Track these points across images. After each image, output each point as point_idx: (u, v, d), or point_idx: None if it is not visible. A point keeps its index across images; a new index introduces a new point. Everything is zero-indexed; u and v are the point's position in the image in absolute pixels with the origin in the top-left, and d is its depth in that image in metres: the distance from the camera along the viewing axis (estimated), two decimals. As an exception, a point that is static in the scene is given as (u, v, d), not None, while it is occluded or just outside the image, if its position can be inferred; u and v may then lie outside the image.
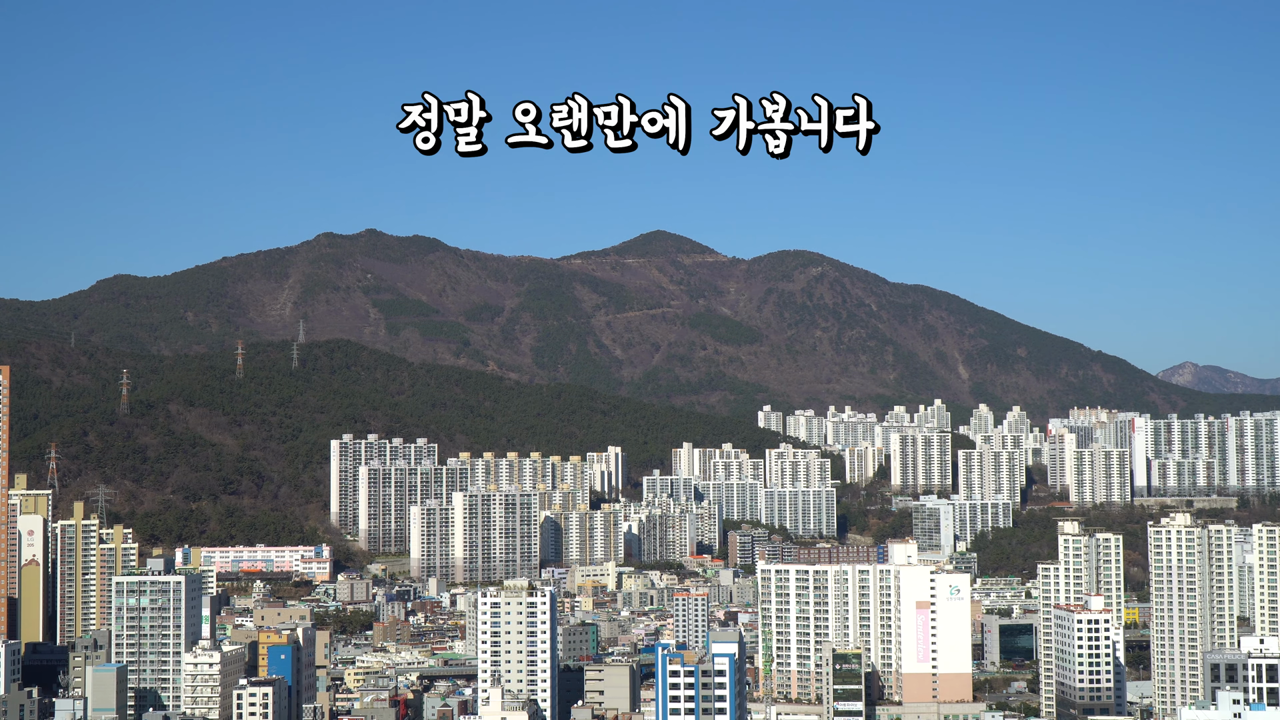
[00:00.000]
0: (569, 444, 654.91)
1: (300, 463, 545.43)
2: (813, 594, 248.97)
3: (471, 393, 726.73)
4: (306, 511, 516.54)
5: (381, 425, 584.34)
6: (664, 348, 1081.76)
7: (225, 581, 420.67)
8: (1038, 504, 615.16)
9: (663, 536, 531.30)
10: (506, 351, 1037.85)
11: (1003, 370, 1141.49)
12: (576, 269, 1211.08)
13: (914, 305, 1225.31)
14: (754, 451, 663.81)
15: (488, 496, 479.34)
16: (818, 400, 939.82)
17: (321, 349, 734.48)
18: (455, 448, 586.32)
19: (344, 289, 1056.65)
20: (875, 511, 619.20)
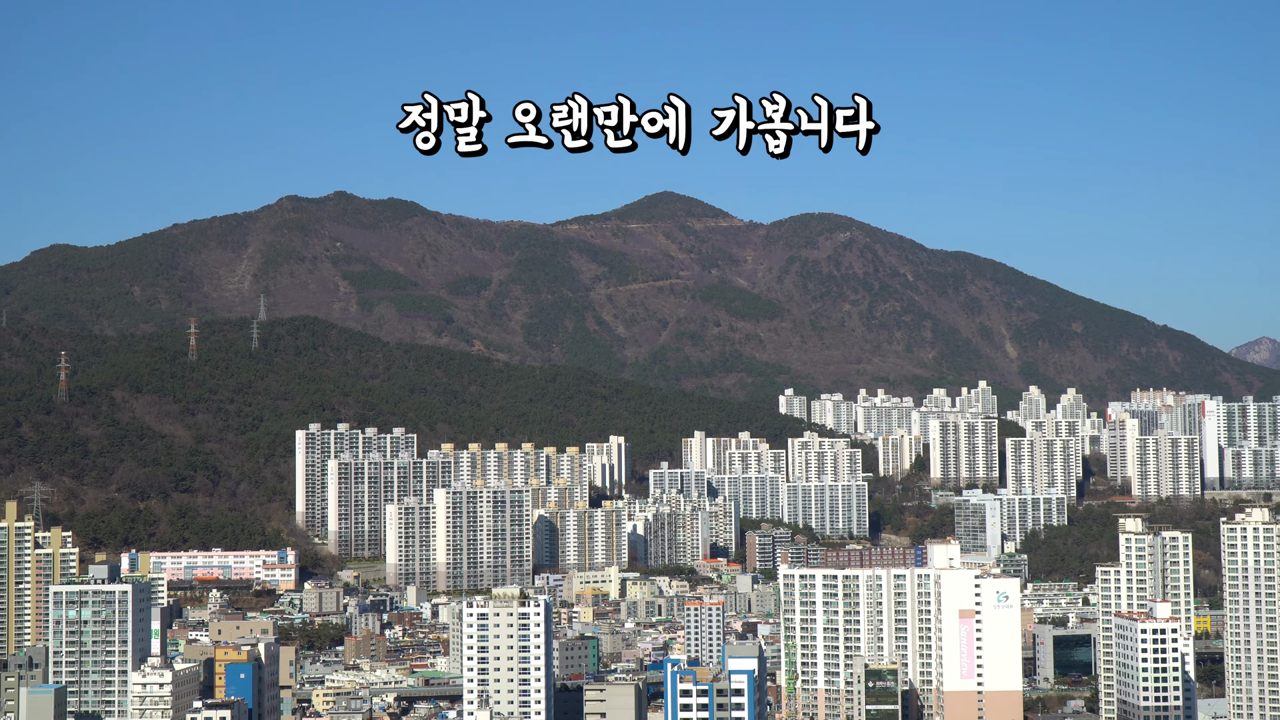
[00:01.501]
0: (565, 434, 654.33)
1: (261, 456, 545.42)
2: (842, 602, 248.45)
3: (455, 376, 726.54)
4: (269, 511, 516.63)
5: (353, 413, 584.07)
6: (672, 324, 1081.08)
7: (177, 591, 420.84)
8: (1096, 499, 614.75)
9: (672, 538, 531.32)
10: (494, 329, 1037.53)
11: (1056, 348, 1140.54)
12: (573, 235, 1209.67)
13: (955, 275, 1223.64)
14: (775, 441, 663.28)
15: (473, 493, 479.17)
16: (846, 383, 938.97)
17: (285, 327, 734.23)
18: (437, 438, 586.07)
19: (310, 259, 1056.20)
20: (912, 508, 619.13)
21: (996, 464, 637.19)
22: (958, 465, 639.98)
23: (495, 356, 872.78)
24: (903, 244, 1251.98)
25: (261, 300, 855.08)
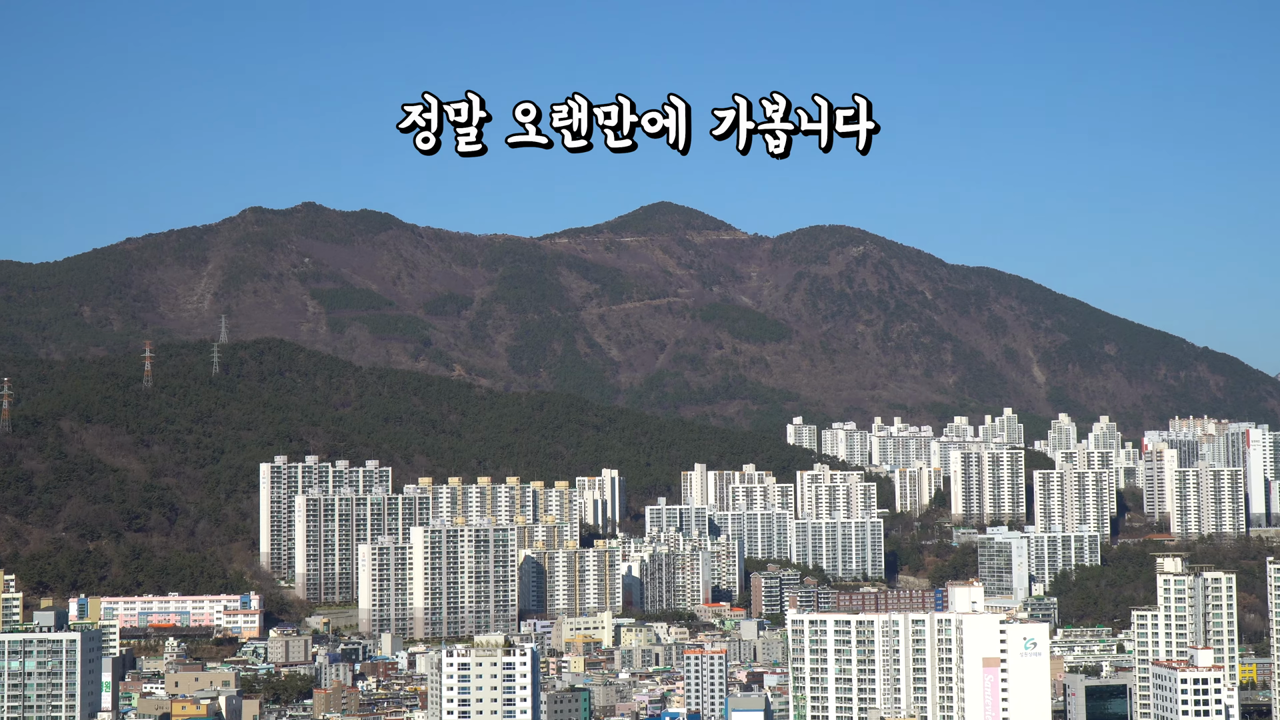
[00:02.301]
0: (554, 467, 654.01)
1: (223, 492, 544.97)
2: (855, 650, 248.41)
3: (433, 404, 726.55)
4: (230, 552, 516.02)
5: (322, 445, 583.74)
6: (670, 347, 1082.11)
7: (131, 639, 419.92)
8: (1131, 536, 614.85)
9: (670, 580, 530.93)
10: (476, 352, 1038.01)
11: (1087, 372, 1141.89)
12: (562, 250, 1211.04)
13: (978, 293, 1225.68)
14: (782, 474, 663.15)
15: (454, 532, 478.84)
16: (860, 410, 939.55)
17: (248, 350, 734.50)
18: (413, 472, 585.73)
19: (276, 276, 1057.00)
20: (932, 547, 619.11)
21: (1023, 499, 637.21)
22: (981, 500, 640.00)
23: (477, 382, 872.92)
24: (921, 259, 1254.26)
25: (223, 321, 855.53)
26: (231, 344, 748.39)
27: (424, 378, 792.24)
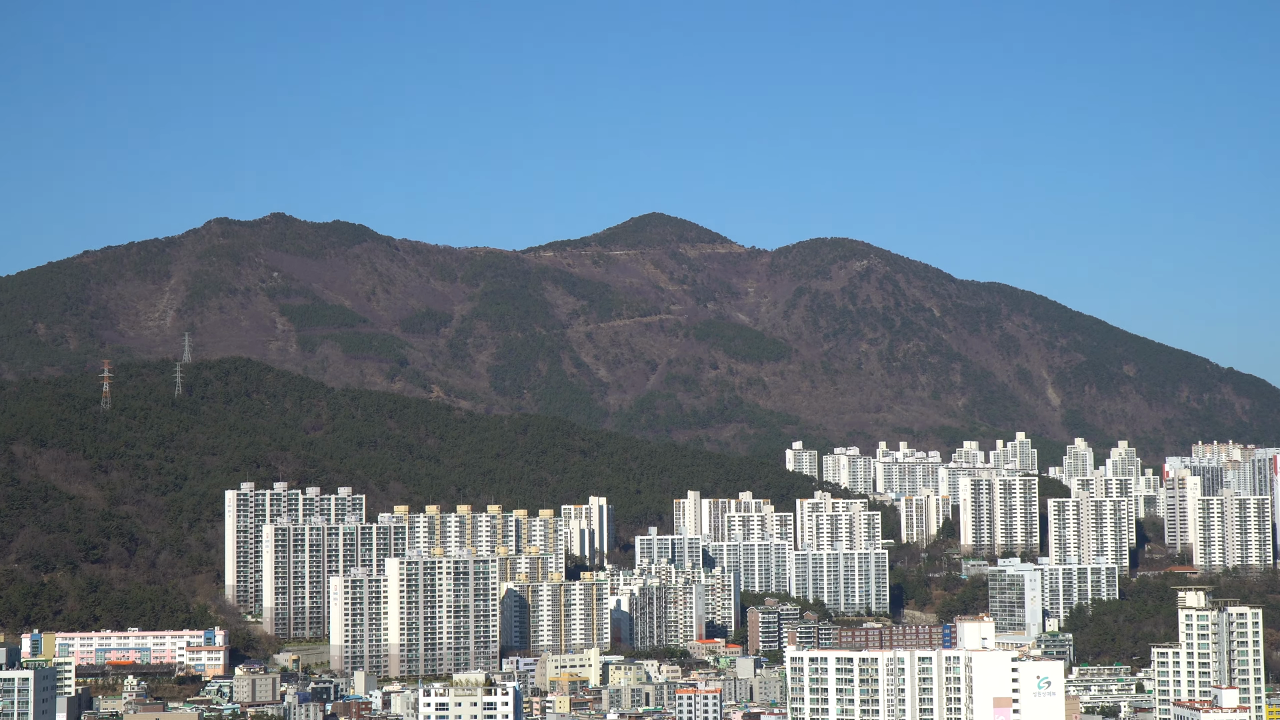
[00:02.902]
0: (538, 494, 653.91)
1: (185, 521, 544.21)
2: (858, 689, 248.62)
3: (410, 427, 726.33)
4: (193, 584, 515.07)
5: (292, 471, 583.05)
6: (662, 367, 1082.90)
7: (88, 677, 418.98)
8: (1152, 569, 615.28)
9: (661, 615, 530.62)
10: (456, 373, 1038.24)
11: (1105, 394, 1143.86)
12: (547, 264, 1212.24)
13: (988, 310, 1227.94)
14: (781, 503, 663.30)
15: (431, 564, 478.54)
16: (863, 435, 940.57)
17: (213, 371, 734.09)
18: (389, 500, 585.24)
19: (242, 291, 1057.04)
20: (939, 580, 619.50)
21: (1037, 529, 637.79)
22: (992, 530, 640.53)
23: (457, 404, 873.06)
24: (928, 274, 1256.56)
25: (186, 340, 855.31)
26: (195, 363, 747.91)
27: (400, 399, 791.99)
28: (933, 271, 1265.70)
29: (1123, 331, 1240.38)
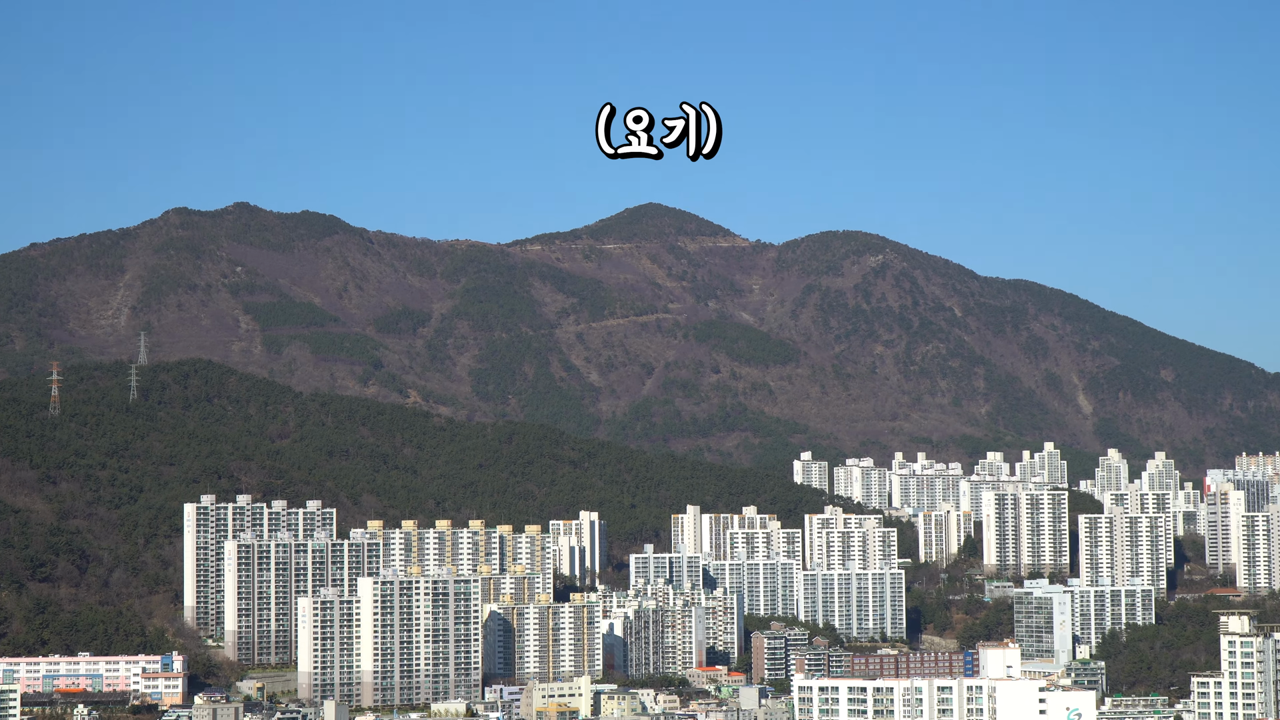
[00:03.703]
0: (524, 508, 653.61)
1: (141, 536, 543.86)
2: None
3: (385, 435, 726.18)
4: (149, 605, 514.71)
5: (256, 482, 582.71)
6: (659, 370, 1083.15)
7: (34, 705, 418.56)
8: (1191, 591, 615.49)
9: (659, 640, 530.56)
10: (435, 376, 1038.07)
11: (1140, 401, 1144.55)
12: (534, 258, 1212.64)
13: (1014, 309, 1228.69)
14: (788, 518, 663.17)
15: (408, 584, 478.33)
16: (878, 445, 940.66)
17: (171, 373, 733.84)
18: (361, 514, 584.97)
19: (203, 288, 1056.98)
20: (961, 603, 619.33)
21: (1067, 547, 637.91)
22: (1018, 549, 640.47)
23: (436, 411, 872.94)
24: (949, 270, 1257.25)
25: (142, 340, 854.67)
26: (151, 365, 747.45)
27: (374, 405, 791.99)
28: (954, 267, 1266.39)
29: (1160, 333, 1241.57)
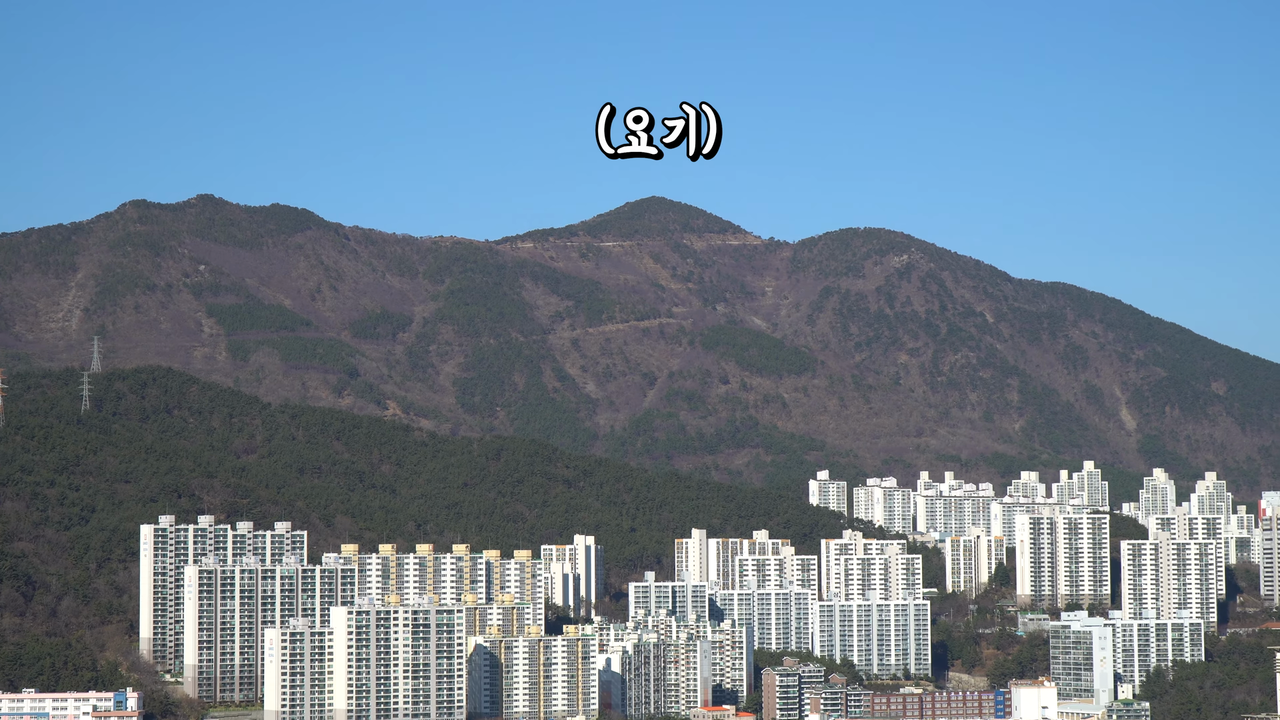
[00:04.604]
0: (514, 532, 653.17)
1: (93, 561, 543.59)
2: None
3: (361, 451, 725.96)
4: (101, 637, 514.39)
5: (220, 502, 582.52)
6: (662, 380, 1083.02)
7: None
8: (1244, 625, 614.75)
9: (660, 676, 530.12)
10: (416, 386, 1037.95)
11: (1189, 416, 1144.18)
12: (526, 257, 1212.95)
13: (1052, 315, 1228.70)
14: (803, 544, 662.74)
15: (386, 614, 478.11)
16: (902, 463, 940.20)
17: (127, 382, 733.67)
18: (335, 537, 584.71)
19: (163, 288, 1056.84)
20: (991, 637, 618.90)
21: (1108, 577, 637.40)
22: (1054, 578, 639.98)
23: (417, 424, 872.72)
24: (980, 271, 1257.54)
25: (95, 345, 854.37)
26: (105, 373, 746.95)
27: (349, 418, 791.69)
28: (985, 269, 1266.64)
29: (1211, 342, 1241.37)
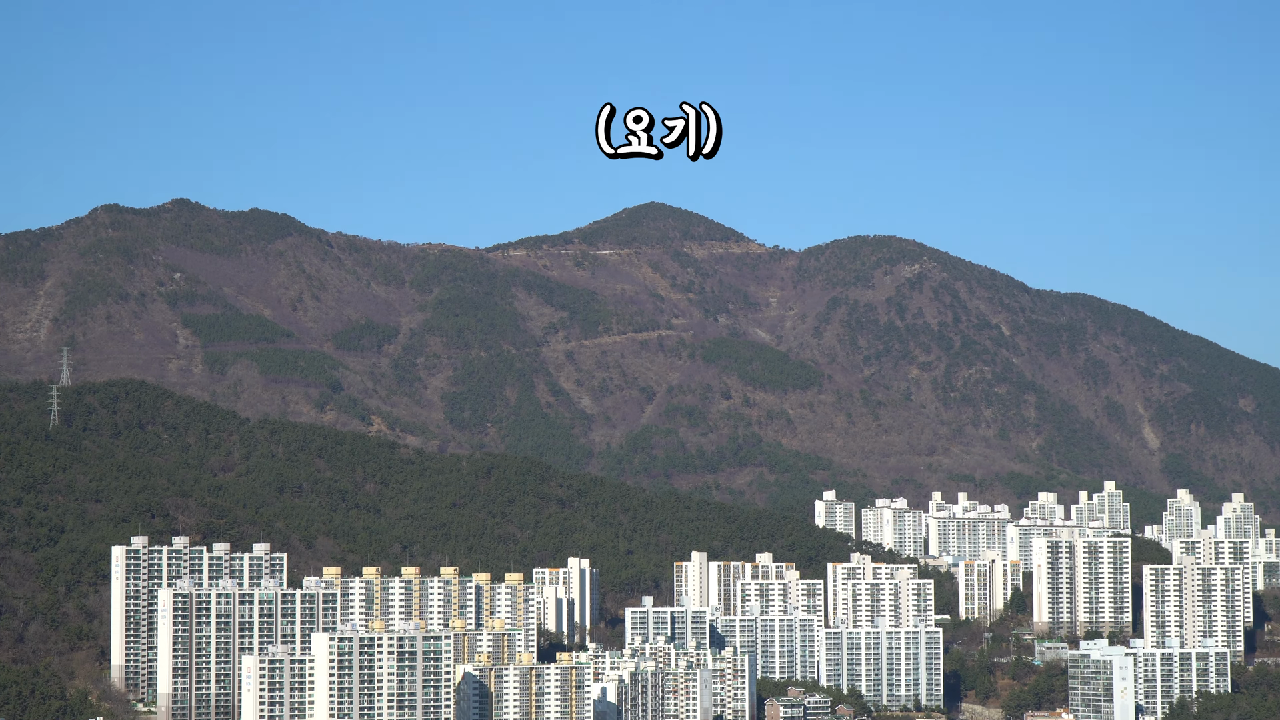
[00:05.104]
0: (505, 554, 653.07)
1: (61, 584, 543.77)
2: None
3: (344, 469, 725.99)
4: (71, 664, 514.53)
5: (195, 522, 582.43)
6: (661, 395, 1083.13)
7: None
8: (1272, 654, 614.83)
9: (658, 707, 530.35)
10: (402, 401, 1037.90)
11: (1215, 435, 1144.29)
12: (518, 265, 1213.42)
13: (1071, 327, 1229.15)
14: (809, 567, 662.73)
15: (370, 641, 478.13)
16: (913, 483, 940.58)
17: (98, 396, 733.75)
18: (316, 559, 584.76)
19: (136, 297, 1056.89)
20: (1007, 666, 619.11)
21: (1129, 603, 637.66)
22: (1073, 604, 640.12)
23: (403, 441, 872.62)
24: (995, 281, 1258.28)
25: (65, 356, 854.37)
26: (75, 386, 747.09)
27: (332, 434, 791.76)
28: (1001, 279, 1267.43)
29: (1238, 356, 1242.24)
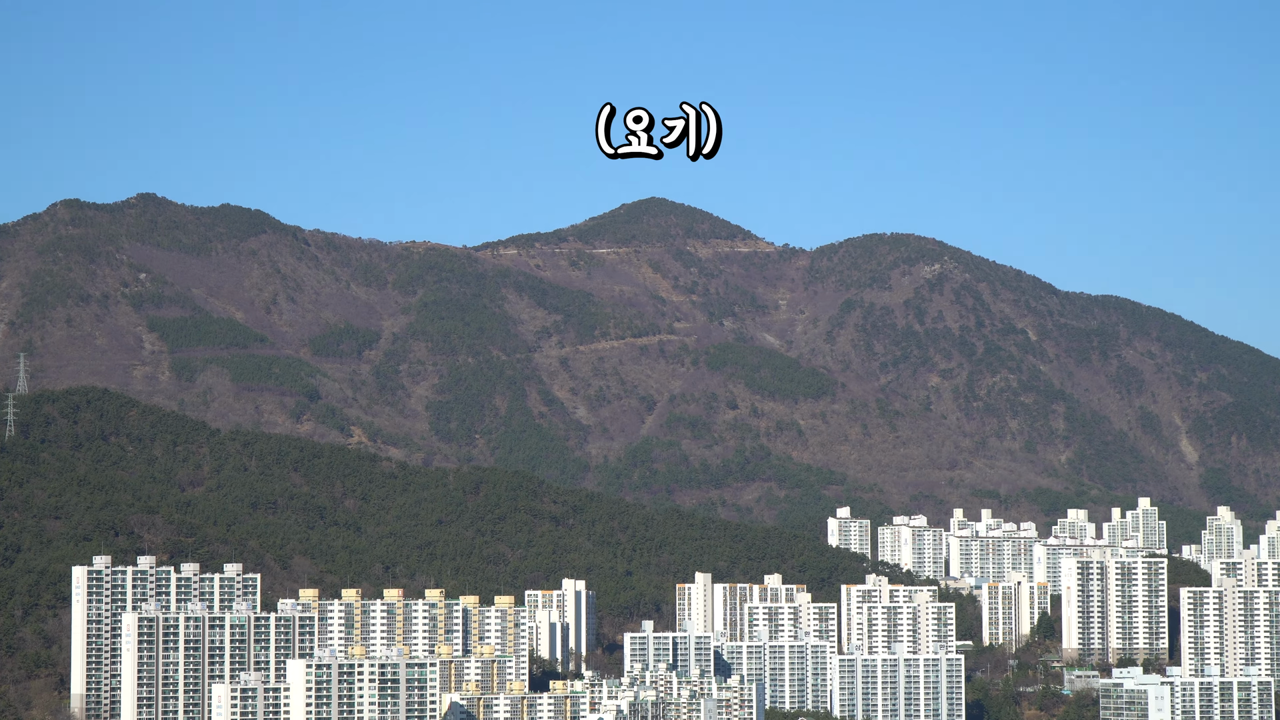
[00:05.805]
0: (494, 575, 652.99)
1: (18, 606, 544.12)
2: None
3: (322, 484, 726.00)
4: (28, 692, 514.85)
5: (162, 541, 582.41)
6: (663, 404, 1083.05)
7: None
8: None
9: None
10: (384, 410, 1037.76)
11: (1258, 447, 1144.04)
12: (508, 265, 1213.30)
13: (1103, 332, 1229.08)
14: (821, 590, 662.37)
15: (350, 668, 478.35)
16: (933, 499, 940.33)
17: (57, 405, 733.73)
18: (292, 580, 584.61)
19: (99, 299, 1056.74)
20: (1034, 696, 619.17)
21: (1166, 628, 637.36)
22: (1105, 629, 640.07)
23: (385, 453, 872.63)
24: (1022, 283, 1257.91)
25: (21, 362, 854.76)
26: (33, 395, 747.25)
27: (309, 446, 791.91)
28: (1027, 280, 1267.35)
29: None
